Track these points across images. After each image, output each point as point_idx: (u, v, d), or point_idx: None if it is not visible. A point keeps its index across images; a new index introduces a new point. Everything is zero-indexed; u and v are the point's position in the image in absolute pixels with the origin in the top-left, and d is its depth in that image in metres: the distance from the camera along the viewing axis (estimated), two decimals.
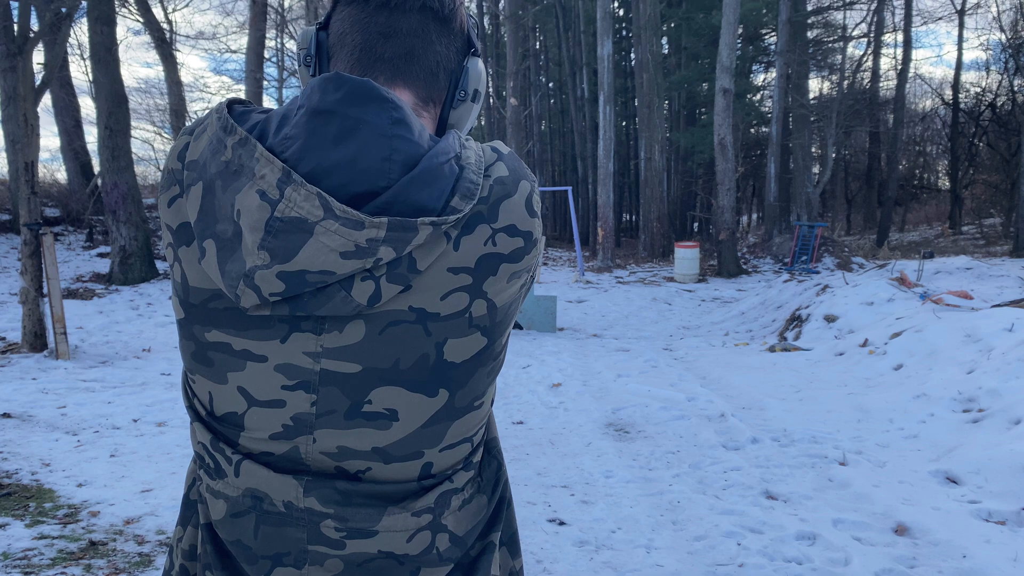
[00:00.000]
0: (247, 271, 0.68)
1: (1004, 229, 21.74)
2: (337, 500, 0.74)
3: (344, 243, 0.66)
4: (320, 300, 0.69)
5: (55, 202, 16.93)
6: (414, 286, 0.70)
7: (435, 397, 0.73)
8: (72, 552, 3.09)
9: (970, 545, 3.11)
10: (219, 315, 0.73)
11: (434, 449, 0.76)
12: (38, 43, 7.83)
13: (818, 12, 24.18)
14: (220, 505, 0.78)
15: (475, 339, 0.73)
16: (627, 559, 3.07)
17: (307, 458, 0.75)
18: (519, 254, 0.74)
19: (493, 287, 0.73)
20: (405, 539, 0.76)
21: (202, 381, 0.77)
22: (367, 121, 0.69)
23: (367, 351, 0.71)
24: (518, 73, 24.32)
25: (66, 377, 6.46)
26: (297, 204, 0.67)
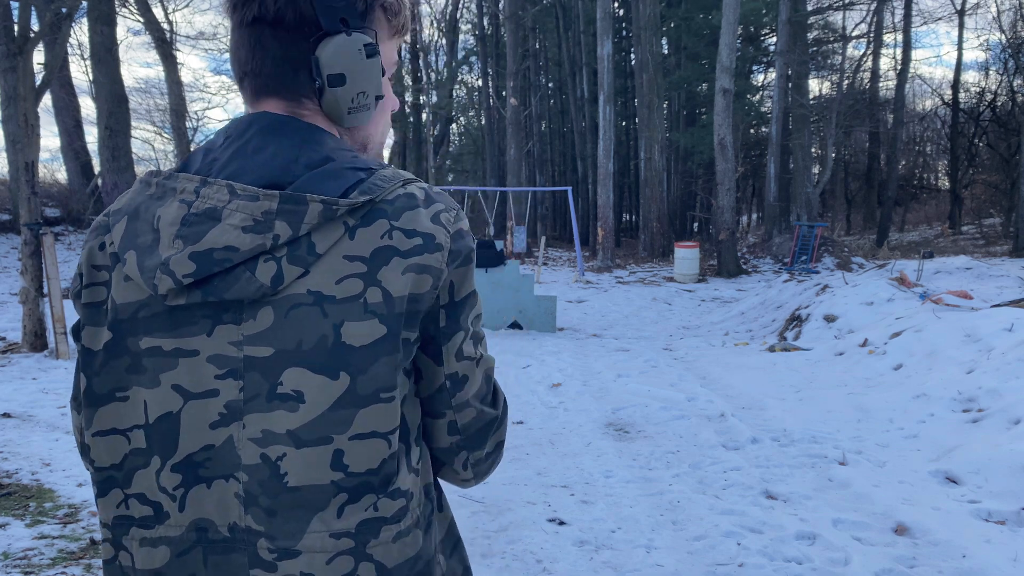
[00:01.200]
0: (163, 260, 0.76)
1: (1004, 229, 21.75)
2: (264, 516, 0.78)
3: (243, 218, 0.75)
4: (228, 282, 0.75)
5: (55, 202, 16.93)
6: (312, 271, 0.76)
7: (337, 380, 0.76)
8: (72, 552, 3.09)
9: (970, 545, 3.11)
10: (149, 321, 0.79)
11: (343, 436, 0.77)
12: (38, 43, 7.84)
13: (818, 12, 24.19)
14: (162, 552, 0.81)
15: (373, 325, 0.77)
16: (627, 559, 3.08)
17: (239, 446, 0.78)
18: (417, 251, 0.78)
19: (387, 277, 0.77)
20: (324, 560, 0.78)
21: (134, 395, 0.81)
22: (277, 141, 0.81)
23: (276, 334, 0.76)
24: (518, 73, 24.32)
25: (66, 377, 6.46)
26: (209, 197, 0.78)
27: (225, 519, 0.79)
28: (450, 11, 29.69)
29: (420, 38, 27.28)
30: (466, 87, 35.18)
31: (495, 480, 4.02)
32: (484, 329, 1.03)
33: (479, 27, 29.29)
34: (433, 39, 30.52)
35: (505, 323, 9.50)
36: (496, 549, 3.16)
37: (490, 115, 29.40)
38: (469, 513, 3.55)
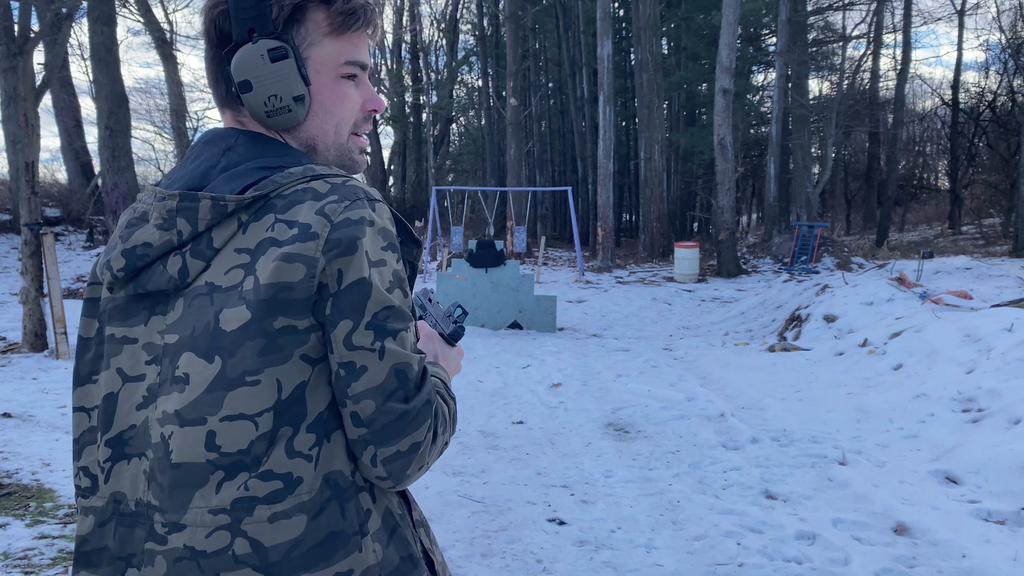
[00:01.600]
0: (108, 259, 0.89)
1: (1003, 229, 21.76)
2: (160, 491, 0.84)
3: (156, 217, 0.87)
4: (148, 275, 0.87)
5: (56, 202, 16.94)
6: (212, 264, 0.85)
7: (212, 364, 0.82)
8: (73, 552, 3.10)
9: (970, 545, 3.11)
10: (112, 313, 0.91)
11: (214, 417, 0.82)
12: (39, 43, 7.83)
13: (818, 12, 24.19)
14: (89, 520, 0.91)
15: (241, 311, 0.82)
16: (627, 559, 3.08)
17: (150, 427, 0.86)
18: (290, 240, 0.82)
19: (261, 266, 0.82)
20: (204, 534, 0.83)
21: (98, 379, 0.92)
22: (209, 150, 0.91)
23: (181, 323, 0.85)
24: (518, 73, 24.32)
25: (67, 377, 6.46)
26: (144, 202, 0.91)
27: (134, 494, 0.87)
28: (450, 11, 29.70)
29: (420, 38, 27.29)
30: (466, 87, 35.19)
31: (495, 480, 4.03)
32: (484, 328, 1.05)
33: (479, 27, 29.29)
34: (433, 39, 30.54)
35: (505, 323, 9.51)
36: (496, 549, 3.17)
37: (490, 115, 29.41)
38: (469, 513, 3.55)
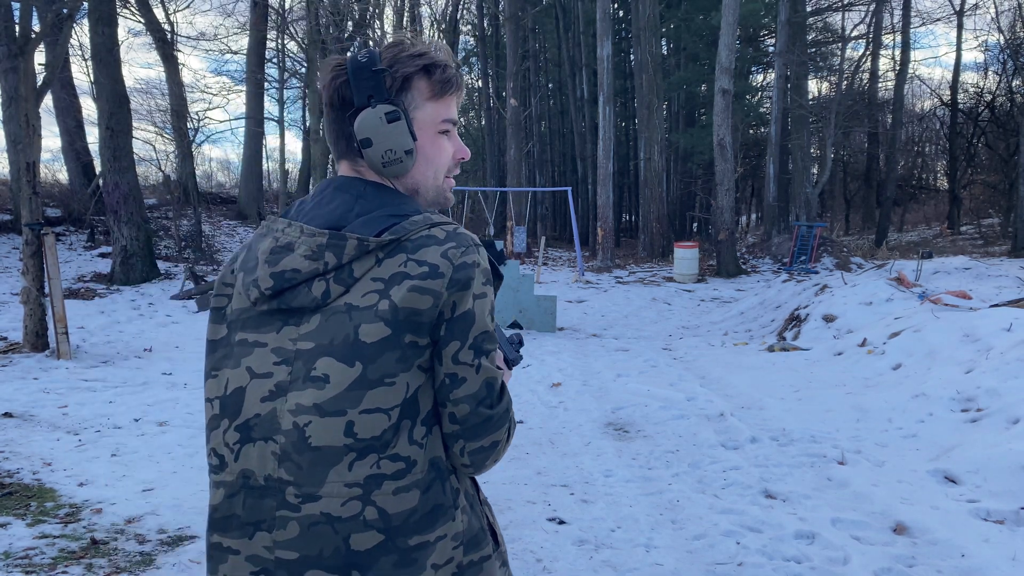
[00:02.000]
0: (254, 279, 1.08)
1: (1002, 229, 21.77)
2: (294, 469, 1.02)
3: (306, 249, 1.05)
4: (294, 295, 1.06)
5: (56, 202, 16.93)
6: (351, 290, 1.04)
7: (353, 368, 1.01)
8: (73, 551, 3.10)
9: (969, 544, 3.12)
10: (245, 322, 1.10)
11: (354, 410, 1.01)
12: (39, 44, 7.84)
13: (817, 13, 24.21)
14: (220, 492, 1.09)
15: (380, 327, 1.02)
16: (627, 558, 3.09)
17: (279, 416, 1.04)
18: (422, 276, 1.02)
19: (396, 292, 1.02)
20: (340, 503, 1.01)
21: (223, 374, 1.11)
22: (342, 196, 1.12)
23: (318, 333, 1.04)
24: (518, 74, 24.33)
25: (67, 377, 6.47)
26: (288, 234, 1.09)
27: (263, 471, 1.04)
28: (450, 12, 29.69)
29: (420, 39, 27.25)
30: (466, 88, 35.14)
31: (495, 479, 4.03)
32: None
33: (479, 28, 29.29)
34: (433, 40, 30.48)
35: (505, 323, 9.51)
36: None
37: (490, 116, 29.41)
38: None
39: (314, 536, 1.02)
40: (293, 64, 22.85)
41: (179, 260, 15.12)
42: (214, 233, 18.46)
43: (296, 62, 22.76)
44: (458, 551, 1.09)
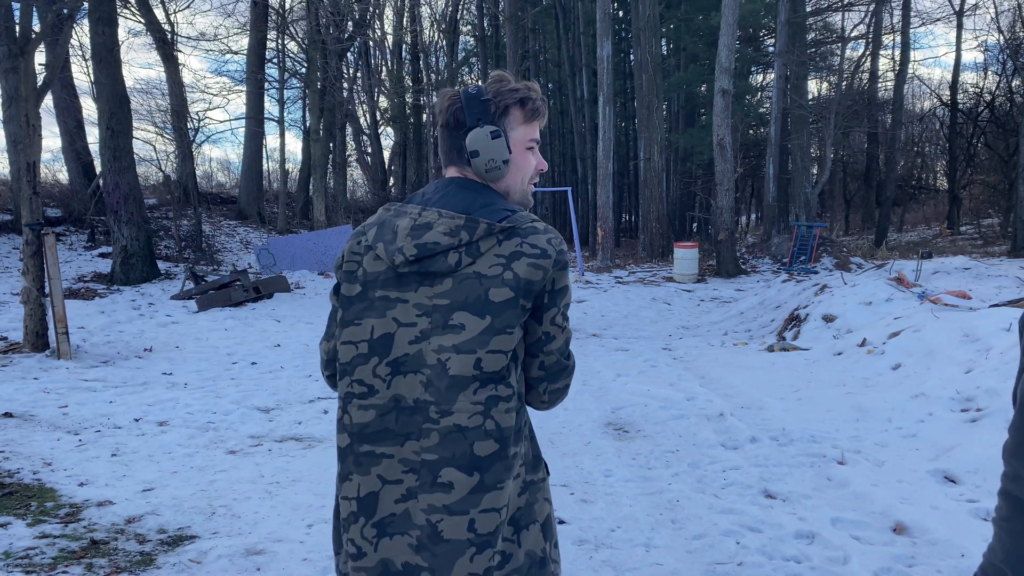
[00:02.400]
0: (399, 247, 1.39)
1: (1002, 229, 21.77)
2: (436, 392, 1.36)
3: (445, 227, 1.38)
4: (433, 262, 1.37)
5: (57, 202, 16.94)
6: (477, 261, 1.37)
7: (484, 320, 1.35)
8: (73, 551, 3.10)
9: (968, 544, 3.12)
10: (384, 282, 1.42)
11: (483, 350, 1.35)
12: (40, 44, 7.83)
13: (817, 13, 24.22)
14: (370, 413, 1.41)
15: (505, 291, 1.36)
16: (626, 558, 3.09)
17: (425, 356, 1.37)
18: (535, 256, 1.37)
19: (518, 266, 1.36)
20: (467, 416, 1.35)
21: (367, 322, 1.42)
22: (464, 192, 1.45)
23: (453, 293, 1.37)
24: (518, 74, 24.33)
25: (68, 377, 6.47)
26: (427, 216, 1.41)
27: (411, 395, 1.38)
28: (450, 12, 29.69)
29: (420, 39, 27.31)
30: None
31: None
32: None
33: (479, 28, 29.30)
34: (433, 40, 30.53)
35: None
36: None
37: None
38: None
39: (449, 442, 1.36)
40: (293, 64, 22.86)
41: (179, 260, 15.13)
42: (214, 233, 18.46)
43: (296, 62, 22.76)
44: (523, 469, 1.45)
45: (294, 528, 3.37)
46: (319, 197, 18.77)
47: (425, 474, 1.37)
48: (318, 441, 4.83)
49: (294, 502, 3.68)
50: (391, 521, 1.39)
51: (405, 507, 1.38)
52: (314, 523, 3.43)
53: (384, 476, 1.39)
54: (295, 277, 14.05)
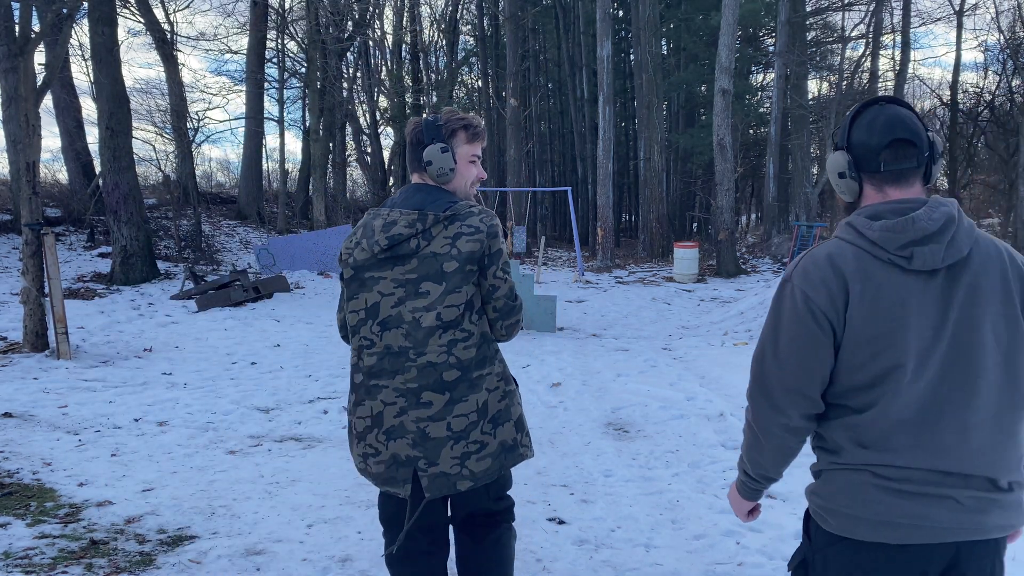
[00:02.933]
0: (375, 240, 1.96)
1: (1002, 229, 21.77)
2: (414, 340, 1.93)
3: (406, 222, 1.95)
4: (400, 248, 1.94)
5: (56, 202, 16.93)
6: (431, 243, 1.93)
7: (441, 285, 1.92)
8: (73, 551, 3.10)
9: None
10: (370, 266, 1.98)
11: (441, 306, 1.93)
12: (39, 44, 7.84)
13: (817, 13, 24.22)
14: (374, 358, 1.98)
15: (453, 263, 1.92)
16: (626, 558, 3.09)
17: (403, 316, 1.94)
18: (472, 233, 1.94)
19: (459, 243, 1.93)
20: (436, 355, 1.93)
21: (362, 296, 1.99)
22: (422, 194, 2.01)
23: (418, 269, 1.93)
24: (517, 74, 24.33)
25: (67, 377, 6.47)
26: (392, 215, 1.99)
27: (396, 343, 1.95)
28: (450, 12, 29.69)
29: (420, 39, 27.31)
30: (466, 88, 35.18)
31: None
32: None
33: (479, 28, 29.30)
34: (433, 40, 30.53)
35: None
36: None
37: (490, 115, 29.41)
38: None
39: (424, 374, 1.95)
40: (293, 64, 22.86)
41: (179, 260, 15.13)
42: (214, 233, 18.47)
43: (296, 62, 22.77)
44: (500, 382, 2.04)
45: (294, 528, 3.37)
46: (319, 197, 18.77)
47: (411, 397, 1.96)
48: (318, 441, 4.83)
49: (294, 502, 3.68)
50: (392, 429, 1.99)
51: (401, 420, 1.98)
52: (314, 523, 3.43)
53: (384, 400, 1.99)
54: (295, 277, 14.06)
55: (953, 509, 1.38)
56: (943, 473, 1.39)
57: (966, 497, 1.39)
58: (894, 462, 1.40)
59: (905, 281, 1.41)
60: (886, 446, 1.41)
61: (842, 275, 1.42)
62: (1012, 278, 1.43)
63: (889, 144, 1.47)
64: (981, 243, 1.45)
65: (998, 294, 1.41)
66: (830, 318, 1.42)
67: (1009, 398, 1.41)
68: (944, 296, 1.40)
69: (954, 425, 1.39)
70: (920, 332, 1.39)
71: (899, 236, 1.41)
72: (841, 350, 1.43)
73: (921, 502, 1.39)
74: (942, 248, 1.39)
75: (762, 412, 1.58)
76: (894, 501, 1.40)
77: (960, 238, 1.42)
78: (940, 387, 1.39)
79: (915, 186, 1.50)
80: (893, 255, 1.41)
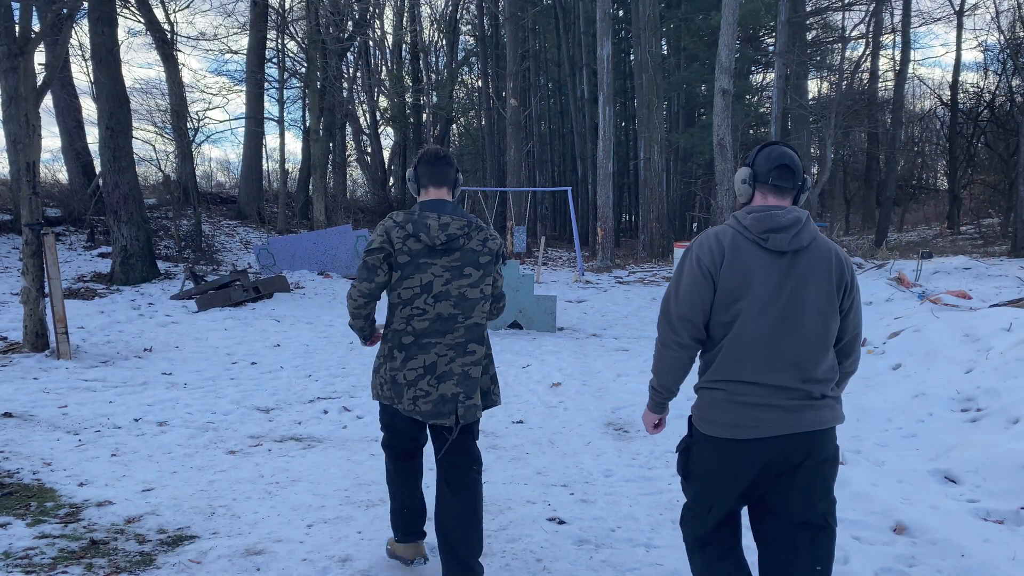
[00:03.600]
0: (435, 235, 2.66)
1: (1002, 229, 21.77)
2: (462, 308, 2.70)
3: (458, 226, 2.70)
4: (453, 243, 2.69)
5: (56, 202, 16.93)
6: (471, 242, 2.73)
7: (478, 271, 2.73)
8: (73, 551, 3.10)
9: (968, 544, 3.12)
10: (426, 254, 2.67)
11: (481, 285, 2.74)
12: (39, 44, 7.83)
13: (817, 13, 24.21)
14: (425, 322, 2.66)
15: (486, 257, 2.74)
16: (626, 558, 3.09)
17: (451, 290, 2.68)
18: (492, 238, 2.79)
19: (488, 244, 2.76)
20: (477, 320, 2.74)
21: (416, 276, 2.66)
22: (452, 206, 2.76)
23: (461, 258, 2.70)
24: (518, 74, 24.33)
25: (67, 377, 6.47)
26: (444, 220, 2.70)
27: (446, 312, 2.70)
28: (450, 12, 29.69)
29: (420, 39, 27.31)
30: (466, 88, 35.17)
31: (495, 479, 4.04)
32: None
33: (479, 28, 29.29)
34: (433, 40, 30.52)
35: (505, 323, 9.51)
36: (496, 548, 3.17)
37: (490, 116, 29.41)
38: None
39: (470, 332, 2.69)
40: (293, 64, 22.85)
41: (179, 260, 15.13)
42: (214, 233, 18.46)
43: (296, 62, 22.75)
44: (490, 350, 2.85)
45: (294, 528, 3.37)
46: (319, 197, 18.77)
47: (459, 349, 2.70)
48: (318, 441, 4.83)
49: (294, 502, 3.68)
50: (443, 374, 2.66)
51: (450, 366, 2.67)
52: (314, 523, 3.43)
53: (438, 353, 2.67)
54: (295, 277, 14.05)
55: (780, 413, 2.07)
56: (774, 388, 2.07)
57: (789, 405, 2.07)
58: (741, 378, 2.09)
59: (761, 255, 2.10)
60: (735, 366, 2.10)
61: (721, 246, 2.13)
62: (833, 267, 2.13)
63: (777, 166, 2.19)
64: (819, 241, 2.14)
65: (823, 275, 2.11)
66: (712, 272, 2.12)
67: (820, 341, 2.10)
68: (786, 270, 2.09)
69: (782, 356, 2.07)
70: (765, 289, 2.07)
71: (761, 224, 2.11)
72: (715, 294, 2.12)
73: (758, 410, 2.08)
74: (789, 237, 2.09)
75: (664, 333, 2.26)
76: (740, 410, 2.10)
77: (803, 234, 2.10)
78: (774, 330, 2.07)
79: (787, 200, 2.21)
80: (756, 237, 2.11)
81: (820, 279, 2.10)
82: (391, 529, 2.99)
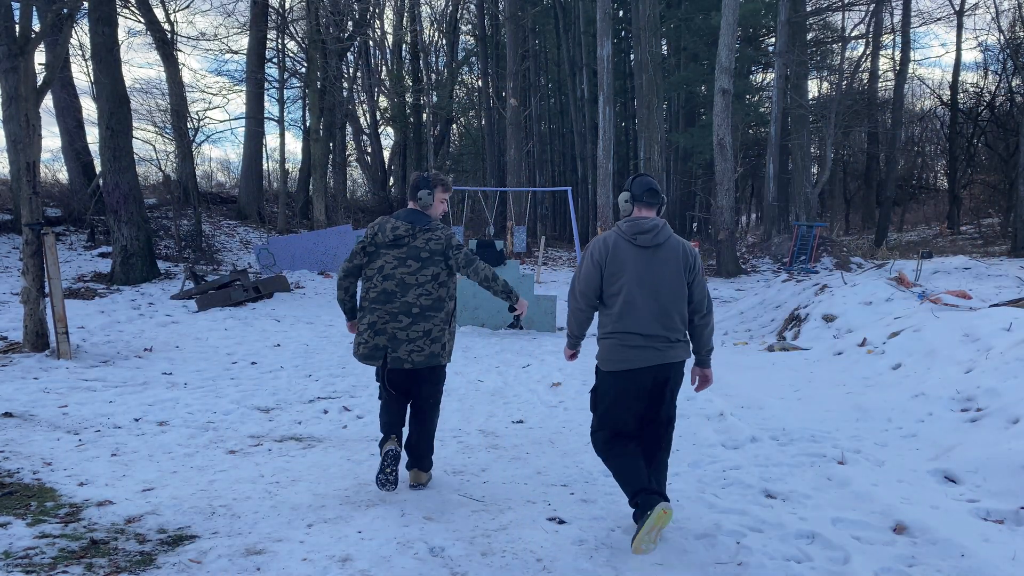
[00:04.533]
0: (388, 234, 3.82)
1: (1002, 229, 21.77)
2: (400, 288, 3.77)
3: (404, 228, 3.82)
4: (400, 240, 3.80)
5: (57, 202, 16.93)
6: (416, 240, 3.80)
7: (419, 262, 3.78)
8: (73, 551, 3.10)
9: (969, 544, 3.12)
10: (385, 246, 3.82)
11: (418, 274, 3.78)
12: (40, 44, 7.83)
13: (817, 13, 24.22)
14: (375, 293, 3.78)
15: (432, 251, 3.80)
16: (627, 558, 3.09)
17: (396, 275, 3.76)
18: (436, 239, 3.81)
19: (431, 244, 3.80)
20: (415, 298, 3.76)
21: (377, 262, 3.80)
22: (416, 214, 3.87)
23: (407, 252, 3.79)
24: (518, 74, 24.33)
25: (67, 376, 6.47)
26: (397, 224, 3.84)
27: (389, 288, 3.76)
28: (450, 12, 29.69)
29: (420, 39, 27.30)
30: (466, 88, 35.17)
31: (495, 479, 4.04)
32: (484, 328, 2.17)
33: (479, 28, 29.28)
34: (433, 40, 30.52)
35: (505, 323, 9.50)
36: (496, 548, 3.17)
37: (490, 116, 29.40)
38: (469, 512, 3.55)
39: (403, 307, 3.72)
40: (293, 64, 22.85)
41: (179, 260, 15.13)
42: (214, 233, 18.46)
43: (296, 62, 22.76)
44: (443, 324, 3.81)
45: (294, 528, 3.37)
46: (319, 197, 18.77)
47: (393, 316, 3.69)
48: (318, 441, 4.83)
49: (294, 502, 3.68)
50: (381, 329, 3.71)
51: (388, 325, 3.70)
52: (314, 523, 3.43)
53: (378, 316, 3.71)
54: (295, 277, 14.05)
55: (652, 351, 3.19)
56: (644, 335, 3.18)
57: (659, 346, 3.20)
58: (625, 329, 3.19)
59: (633, 249, 3.23)
60: (620, 322, 3.20)
61: (607, 245, 3.26)
62: (681, 256, 3.24)
63: (647, 190, 3.29)
64: (672, 240, 3.26)
65: (675, 261, 3.23)
66: (600, 262, 3.26)
67: (675, 304, 3.22)
68: (650, 259, 3.22)
69: (648, 314, 3.19)
70: (636, 272, 3.20)
71: (632, 229, 3.24)
72: (603, 277, 3.25)
73: (637, 350, 3.18)
74: (650, 237, 3.22)
75: (572, 301, 3.39)
76: (626, 350, 3.20)
77: (660, 235, 3.23)
78: (645, 298, 3.19)
79: (653, 212, 3.32)
80: (629, 238, 3.23)
81: (673, 264, 3.22)
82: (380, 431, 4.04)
